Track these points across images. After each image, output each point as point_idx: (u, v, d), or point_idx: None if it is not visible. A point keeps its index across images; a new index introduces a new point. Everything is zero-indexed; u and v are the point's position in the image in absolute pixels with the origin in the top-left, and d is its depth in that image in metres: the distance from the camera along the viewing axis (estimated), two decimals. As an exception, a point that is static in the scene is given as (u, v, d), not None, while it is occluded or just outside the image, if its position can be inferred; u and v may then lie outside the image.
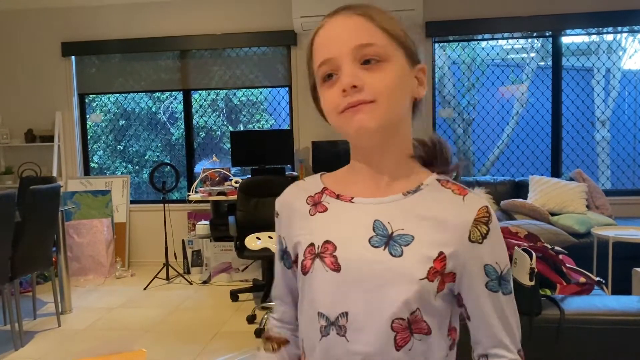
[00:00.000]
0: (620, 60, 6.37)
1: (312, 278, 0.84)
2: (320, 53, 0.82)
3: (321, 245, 0.84)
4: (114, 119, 6.35)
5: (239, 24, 5.11)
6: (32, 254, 3.50)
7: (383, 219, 0.83)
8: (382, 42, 0.80)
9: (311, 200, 0.91)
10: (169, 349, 3.24)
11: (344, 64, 0.79)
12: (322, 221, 0.87)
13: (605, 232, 3.52)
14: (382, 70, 0.79)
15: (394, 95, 0.80)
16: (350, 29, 0.80)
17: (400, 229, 0.81)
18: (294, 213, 0.92)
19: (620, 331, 1.60)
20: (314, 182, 0.94)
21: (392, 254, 0.80)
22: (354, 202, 0.87)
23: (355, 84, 0.78)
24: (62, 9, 5.29)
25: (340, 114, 0.80)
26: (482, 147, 5.85)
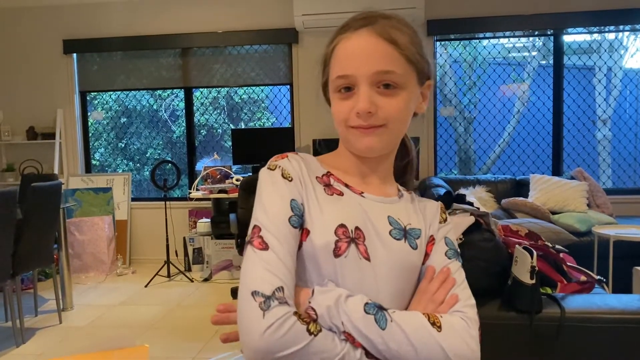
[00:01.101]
0: (622, 58, 6.36)
1: (345, 263, 0.83)
2: (340, 66, 0.86)
3: (353, 230, 0.85)
4: (115, 117, 6.35)
5: (240, 21, 5.11)
6: (34, 251, 3.50)
7: (394, 215, 0.91)
8: (401, 69, 0.85)
9: (321, 180, 0.91)
10: (170, 346, 3.25)
11: (362, 86, 0.84)
12: (343, 204, 0.88)
13: (606, 230, 3.53)
14: (397, 96, 0.85)
15: (402, 121, 0.88)
16: (374, 53, 0.84)
17: (409, 224, 0.91)
18: (307, 185, 0.88)
19: (620, 330, 1.60)
20: (314, 163, 0.93)
21: (411, 246, 0.89)
22: (364, 196, 0.91)
23: (370, 111, 0.84)
24: (64, 6, 5.29)
25: (349, 128, 0.87)
26: (483, 146, 5.85)
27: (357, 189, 0.91)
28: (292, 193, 0.85)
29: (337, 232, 0.84)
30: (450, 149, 5.50)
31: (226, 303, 0.91)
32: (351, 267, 0.83)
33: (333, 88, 0.89)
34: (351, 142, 0.88)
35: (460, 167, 6.56)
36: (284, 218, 0.82)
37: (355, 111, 0.84)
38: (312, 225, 0.84)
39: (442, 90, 5.84)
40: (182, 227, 5.25)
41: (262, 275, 0.76)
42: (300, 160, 0.91)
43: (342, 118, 0.87)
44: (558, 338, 1.61)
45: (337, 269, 0.83)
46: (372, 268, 0.85)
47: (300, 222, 0.84)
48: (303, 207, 0.85)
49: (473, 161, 6.59)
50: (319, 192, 0.88)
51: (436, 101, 5.10)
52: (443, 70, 6.00)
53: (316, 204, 0.87)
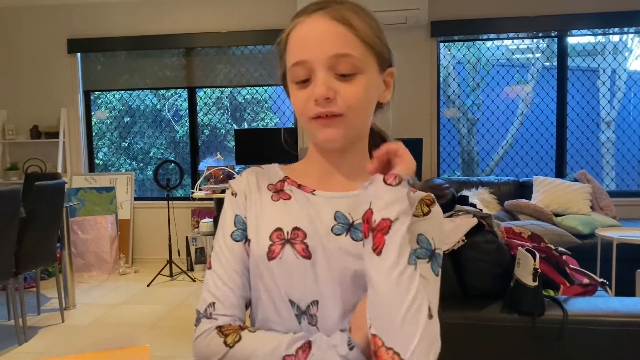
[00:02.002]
0: (626, 61, 6.35)
1: (280, 264, 0.83)
2: (295, 52, 0.83)
3: (290, 231, 0.85)
4: (118, 116, 6.37)
5: (244, 22, 5.11)
6: (37, 250, 3.51)
7: (344, 210, 0.87)
8: (358, 52, 0.81)
9: (272, 187, 0.92)
10: (171, 345, 3.25)
11: (318, 71, 0.81)
12: (287, 208, 0.88)
13: (609, 233, 3.52)
14: (355, 82, 0.81)
15: (363, 109, 0.84)
16: (328, 36, 0.81)
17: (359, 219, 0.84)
18: (253, 195, 0.91)
19: (623, 333, 1.60)
20: (274, 171, 0.96)
21: (354, 238, 0.84)
22: (315, 194, 0.89)
23: (329, 96, 0.80)
24: (68, 5, 5.31)
25: (310, 119, 0.83)
26: (487, 147, 5.84)
27: (310, 187, 0.91)
28: (235, 208, 0.91)
29: (272, 237, 0.85)
30: (454, 150, 5.49)
31: None
32: (287, 268, 0.83)
33: (290, 78, 0.86)
34: (312, 133, 0.86)
35: (464, 169, 6.56)
36: (227, 234, 0.90)
37: (313, 98, 0.81)
38: (251, 234, 0.88)
39: (445, 91, 5.84)
40: (184, 226, 5.26)
41: (202, 294, 0.88)
42: (254, 174, 0.94)
43: (301, 108, 0.84)
44: (560, 341, 1.61)
45: (273, 272, 0.84)
46: (312, 266, 0.83)
47: (245, 235, 0.89)
48: (245, 220, 0.90)
49: (476, 163, 6.58)
50: (265, 201, 0.90)
51: (439, 102, 5.09)
52: (447, 72, 5.99)
53: (259, 213, 0.89)
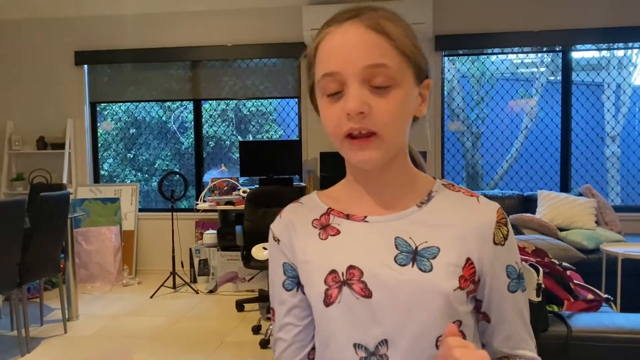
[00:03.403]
0: (631, 75, 6.35)
1: (340, 308, 0.77)
2: (326, 64, 0.76)
3: (346, 271, 0.78)
4: (124, 128, 6.40)
5: (249, 35, 5.15)
6: (41, 260, 3.52)
7: (404, 235, 0.79)
8: (394, 62, 0.74)
9: (318, 223, 0.84)
10: (174, 357, 3.24)
11: (351, 83, 0.73)
12: (338, 245, 0.81)
13: (615, 248, 3.49)
14: (390, 96, 0.74)
15: (399, 126, 0.76)
16: (362, 46, 0.74)
17: (424, 242, 0.78)
18: (299, 237, 0.84)
19: (629, 350, 1.58)
20: (314, 203, 0.87)
21: (422, 269, 0.76)
22: (367, 221, 0.81)
23: (362, 111, 0.73)
24: (76, 18, 5.37)
25: (343, 138, 0.75)
26: (491, 161, 5.83)
27: (360, 215, 0.82)
28: (282, 257, 0.86)
29: (327, 281, 0.78)
30: (458, 163, 5.49)
31: None
32: (348, 311, 0.77)
33: (320, 91, 0.77)
34: (346, 154, 0.78)
35: (468, 182, 6.54)
36: (279, 284, 0.86)
37: (344, 112, 0.73)
38: (304, 280, 0.83)
39: (450, 105, 5.85)
40: (188, 238, 5.26)
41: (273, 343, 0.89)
42: (293, 212, 0.87)
43: (334, 126, 0.76)
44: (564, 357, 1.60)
45: (333, 317, 0.78)
46: (375, 304, 0.76)
47: (296, 282, 0.84)
48: (294, 266, 0.84)
49: (480, 176, 6.57)
50: (312, 242, 0.83)
51: (444, 116, 5.10)
52: (451, 85, 6.01)
53: (308, 256, 0.82)
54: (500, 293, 0.80)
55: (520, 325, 0.83)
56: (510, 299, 0.81)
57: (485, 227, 0.80)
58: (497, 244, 0.80)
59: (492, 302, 0.81)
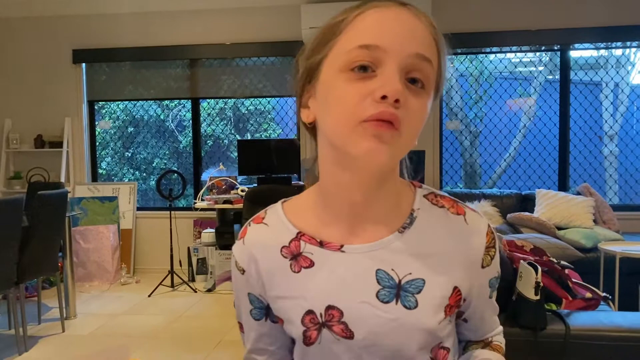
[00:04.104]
0: (629, 74, 6.36)
1: (320, 348, 0.73)
2: (367, 34, 0.64)
3: (324, 312, 0.71)
4: (122, 126, 6.40)
5: (248, 34, 5.15)
6: (39, 259, 3.51)
7: (386, 267, 0.71)
8: (435, 64, 0.67)
9: (287, 251, 0.75)
10: (172, 356, 3.24)
11: (391, 65, 0.63)
12: (313, 280, 0.73)
13: (613, 247, 3.50)
14: (421, 98, 0.65)
15: (417, 133, 0.67)
16: (417, 32, 0.65)
17: (408, 274, 0.71)
18: (267, 269, 0.76)
19: (627, 348, 1.58)
20: (281, 224, 0.77)
21: (407, 306, 0.70)
22: (344, 251, 0.72)
23: (400, 99, 0.62)
24: (74, 16, 5.35)
25: (359, 122, 0.63)
26: (489, 160, 5.84)
27: (336, 243, 0.73)
28: (246, 286, 0.79)
29: (305, 321, 0.72)
30: (456, 162, 5.49)
31: None
32: (329, 351, 0.72)
33: (342, 64, 0.64)
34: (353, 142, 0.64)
35: (466, 181, 6.55)
36: (246, 312, 0.82)
37: (379, 93, 0.61)
38: (280, 314, 0.77)
39: (448, 104, 5.85)
40: (186, 237, 5.25)
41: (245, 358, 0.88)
42: (258, 235, 0.77)
43: (351, 106, 0.63)
44: (562, 355, 1.60)
45: (314, 356, 0.74)
46: (357, 344, 0.71)
47: (265, 313, 0.80)
48: (262, 298, 0.79)
49: (479, 175, 6.58)
50: (283, 274, 0.74)
51: (442, 115, 5.10)
52: (449, 84, 6.01)
53: (281, 291, 0.75)
54: (482, 303, 0.80)
55: (494, 315, 0.86)
56: (489, 304, 0.82)
57: (474, 255, 0.74)
58: (485, 267, 0.76)
59: (475, 311, 0.81)
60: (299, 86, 0.73)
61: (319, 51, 0.68)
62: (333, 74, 0.66)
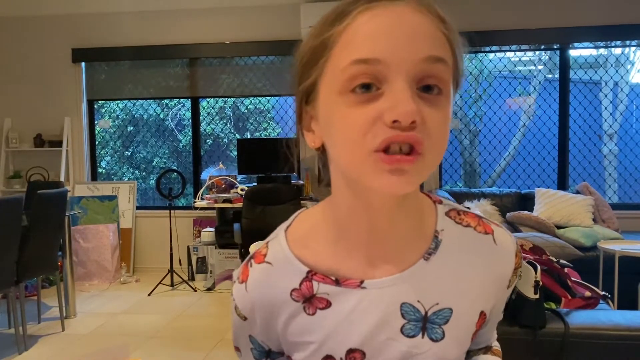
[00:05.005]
0: (629, 73, 6.36)
1: None
2: (362, 46, 0.54)
3: (345, 356, 0.65)
4: (122, 125, 6.40)
5: (247, 33, 5.15)
6: (38, 258, 3.51)
7: (411, 299, 0.64)
8: (450, 61, 0.57)
9: (299, 295, 0.66)
10: (172, 355, 3.24)
11: (397, 80, 0.53)
12: (330, 322, 0.65)
13: (612, 246, 3.50)
14: (440, 106, 0.56)
15: (444, 146, 0.58)
16: (420, 31, 0.55)
17: (435, 304, 0.65)
18: (277, 318, 0.67)
19: (626, 347, 1.59)
20: (287, 261, 0.66)
21: (433, 338, 0.65)
22: (365, 287, 0.64)
23: (415, 119, 0.53)
24: (73, 15, 5.35)
25: (370, 153, 0.54)
26: (489, 159, 5.84)
27: (354, 278, 0.64)
28: (248, 330, 0.72)
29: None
30: (456, 161, 5.49)
31: None
32: None
33: (340, 85, 0.55)
34: (369, 178, 0.56)
35: (466, 180, 6.55)
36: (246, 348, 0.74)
37: (390, 117, 0.52)
38: (296, 357, 0.69)
39: (447, 102, 5.84)
40: (186, 236, 5.26)
41: None
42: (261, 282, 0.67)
43: (360, 135, 0.54)
44: (562, 354, 1.60)
45: None
46: None
47: (265, 354, 0.73)
48: (264, 344, 0.72)
49: (478, 174, 6.58)
50: (296, 318, 0.66)
51: (442, 114, 5.10)
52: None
53: (294, 336, 0.67)
54: (496, 318, 0.77)
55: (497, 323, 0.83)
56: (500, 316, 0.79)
57: (503, 277, 0.69)
58: (509, 287, 0.72)
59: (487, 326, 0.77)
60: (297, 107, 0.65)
61: (311, 72, 0.60)
62: (332, 97, 0.57)
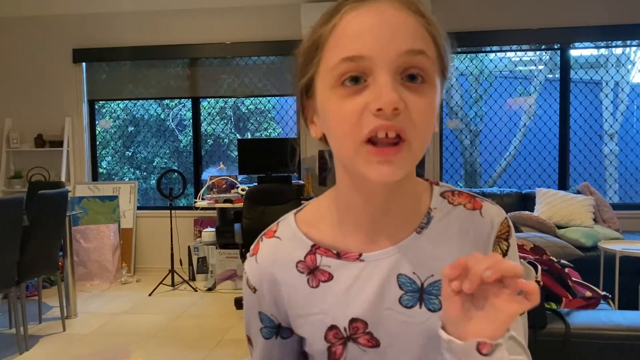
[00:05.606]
0: (629, 73, 6.36)
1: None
2: (350, 45, 0.62)
3: (348, 326, 0.70)
4: (122, 125, 6.40)
5: (248, 33, 5.15)
6: (39, 258, 3.51)
7: (407, 271, 0.70)
8: (431, 52, 0.63)
9: (303, 266, 0.73)
10: (172, 355, 3.24)
11: (381, 72, 0.60)
12: (333, 293, 0.71)
13: (612, 246, 3.50)
14: (424, 94, 0.62)
15: (430, 131, 0.65)
16: (401, 28, 0.61)
17: (430, 276, 0.69)
18: (283, 288, 0.74)
19: (626, 347, 1.59)
20: (294, 237, 0.74)
21: (431, 309, 0.69)
22: (363, 259, 0.71)
23: (398, 107, 0.59)
24: (74, 15, 5.35)
25: (361, 143, 0.61)
26: (489, 159, 5.85)
27: (354, 251, 0.71)
28: (257, 306, 0.77)
29: (328, 337, 0.71)
30: (456, 161, 5.50)
31: None
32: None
33: (332, 80, 0.63)
34: (362, 168, 0.63)
35: (466, 180, 6.56)
36: (256, 329, 0.79)
37: (374, 106, 0.59)
38: (302, 332, 0.74)
39: (448, 103, 5.85)
40: (187, 236, 5.26)
41: None
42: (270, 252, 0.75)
43: (350, 126, 0.61)
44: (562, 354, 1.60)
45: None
46: (384, 351, 0.70)
47: (275, 332, 0.77)
48: (273, 318, 0.76)
49: (479, 174, 6.58)
50: (301, 290, 0.72)
51: (442, 114, 5.10)
52: (449, 83, 5.99)
53: (299, 309, 0.73)
54: None
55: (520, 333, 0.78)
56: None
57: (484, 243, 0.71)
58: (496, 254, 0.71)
59: None
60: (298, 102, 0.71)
61: (308, 69, 0.67)
62: (327, 92, 0.64)
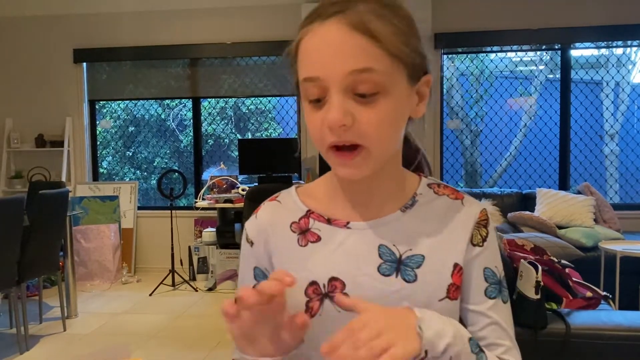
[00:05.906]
0: (630, 73, 6.36)
1: (322, 320, 0.74)
2: (307, 67, 0.70)
3: (327, 283, 0.75)
4: (123, 126, 6.40)
5: (248, 33, 5.15)
6: (40, 258, 3.52)
7: (387, 243, 0.76)
8: (381, 65, 0.66)
9: (297, 227, 0.80)
10: (173, 355, 3.24)
11: (333, 91, 0.67)
12: (318, 253, 0.77)
13: (613, 246, 3.50)
14: (377, 105, 0.67)
15: (387, 136, 0.70)
16: (345, 49, 0.66)
17: (408, 250, 0.75)
18: (276, 242, 0.80)
19: (627, 347, 1.59)
20: (293, 203, 0.82)
21: (406, 279, 0.74)
22: (350, 227, 0.77)
23: (344, 123, 0.66)
24: (75, 15, 5.35)
25: (327, 149, 0.70)
26: (490, 159, 5.84)
27: (342, 220, 0.78)
28: (253, 260, 0.82)
29: (308, 292, 0.75)
30: (457, 161, 5.50)
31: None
32: (329, 324, 0.72)
33: (303, 95, 0.72)
34: (332, 167, 0.73)
35: (467, 180, 6.56)
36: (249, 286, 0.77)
37: (325, 125, 0.67)
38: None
39: (449, 103, 5.85)
40: (187, 236, 5.26)
41: None
42: (270, 211, 0.83)
43: (317, 134, 0.70)
44: (563, 354, 1.60)
45: (313, 330, 0.72)
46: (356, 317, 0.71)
47: None
48: (267, 272, 0.81)
49: (479, 174, 6.58)
50: (291, 246, 0.78)
51: (443, 114, 5.10)
52: (450, 83, 6.01)
53: (286, 262, 0.78)
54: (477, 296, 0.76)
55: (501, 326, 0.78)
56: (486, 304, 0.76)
57: (465, 229, 0.77)
58: (475, 245, 0.76)
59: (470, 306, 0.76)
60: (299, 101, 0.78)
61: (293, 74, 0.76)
62: (303, 101, 0.73)
